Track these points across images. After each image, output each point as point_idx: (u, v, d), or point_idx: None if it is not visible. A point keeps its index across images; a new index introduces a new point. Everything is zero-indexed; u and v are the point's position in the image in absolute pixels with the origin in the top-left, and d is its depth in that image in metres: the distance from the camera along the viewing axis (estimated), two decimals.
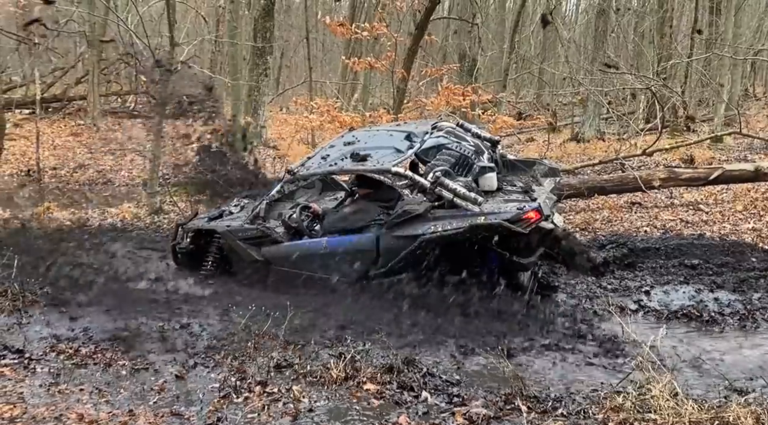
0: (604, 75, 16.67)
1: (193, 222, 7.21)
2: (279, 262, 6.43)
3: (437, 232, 5.73)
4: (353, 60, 11.67)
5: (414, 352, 4.99)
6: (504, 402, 4.17)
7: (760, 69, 29.16)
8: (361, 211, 6.19)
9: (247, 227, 6.57)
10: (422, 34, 11.52)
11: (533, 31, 27.50)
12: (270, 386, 4.36)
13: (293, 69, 30.22)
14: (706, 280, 6.67)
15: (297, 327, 5.36)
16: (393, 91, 12.07)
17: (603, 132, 17.92)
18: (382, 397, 4.26)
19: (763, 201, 9.56)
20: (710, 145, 15.17)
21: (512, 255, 5.92)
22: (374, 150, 6.46)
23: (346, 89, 21.67)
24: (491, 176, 6.42)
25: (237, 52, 13.88)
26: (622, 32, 21.58)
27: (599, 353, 5.10)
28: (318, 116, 11.63)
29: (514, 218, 5.61)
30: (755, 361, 4.94)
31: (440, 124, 7.26)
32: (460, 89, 11.57)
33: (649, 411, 3.81)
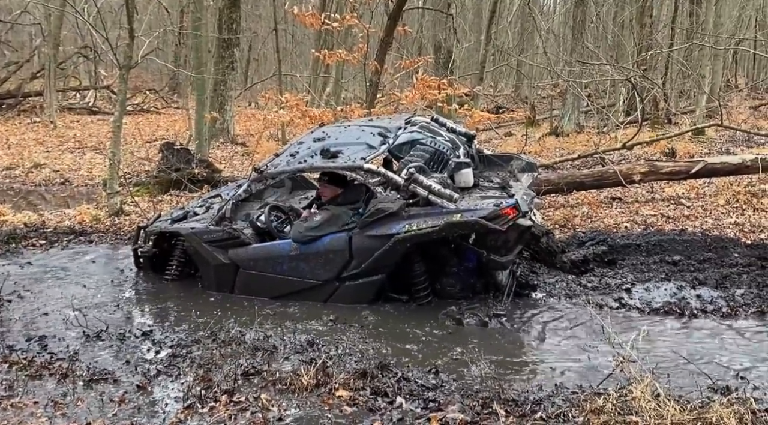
0: (583, 67, 16.80)
1: (155, 224, 7.11)
2: (247, 265, 6.36)
3: (411, 230, 5.71)
4: (324, 52, 11.59)
5: (388, 356, 4.99)
6: (481, 406, 4.17)
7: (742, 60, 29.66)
8: (332, 218, 6.11)
9: (213, 229, 6.48)
10: (395, 24, 11.49)
11: (511, 22, 27.64)
12: (237, 394, 4.32)
13: (262, 62, 30.04)
14: (688, 276, 6.72)
15: (264, 331, 5.33)
16: (366, 85, 12.03)
17: (582, 126, 18.07)
18: (355, 404, 4.24)
19: (745, 195, 9.69)
20: (692, 138, 15.37)
21: (489, 253, 5.94)
22: (345, 147, 6.42)
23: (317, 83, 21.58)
24: (467, 172, 6.42)
25: (201, 44, 13.72)
26: (601, 23, 21.77)
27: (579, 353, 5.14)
28: (288, 111, 11.52)
29: (490, 215, 5.62)
30: (738, 359, 4.99)
31: (414, 119, 7.24)
32: (435, 82, 11.53)
33: (630, 413, 3.83)
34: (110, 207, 9.54)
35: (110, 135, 10.26)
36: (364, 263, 5.91)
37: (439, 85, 11.36)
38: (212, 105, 15.44)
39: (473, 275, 6.16)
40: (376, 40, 11.68)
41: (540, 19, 24.61)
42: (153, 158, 12.95)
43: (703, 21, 19.22)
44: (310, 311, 5.98)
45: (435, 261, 6.11)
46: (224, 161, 14.42)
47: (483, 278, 6.18)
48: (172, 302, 6.35)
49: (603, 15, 22.48)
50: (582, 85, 17.51)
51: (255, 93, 22.90)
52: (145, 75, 31.21)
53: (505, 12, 26.01)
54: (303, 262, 6.12)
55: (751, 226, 8.37)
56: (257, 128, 17.53)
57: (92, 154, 15.65)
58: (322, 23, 10.75)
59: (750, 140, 15.36)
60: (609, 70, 16.65)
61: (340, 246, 5.99)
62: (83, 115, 23.00)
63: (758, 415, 3.75)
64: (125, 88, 10.20)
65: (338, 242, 6.00)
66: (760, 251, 7.40)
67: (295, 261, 6.14)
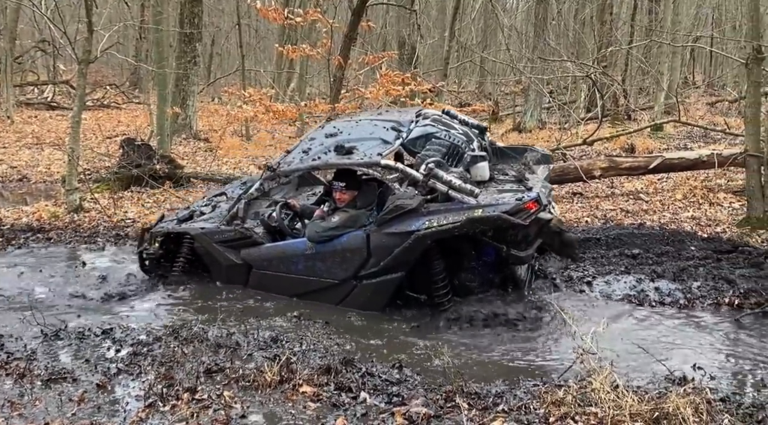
0: (544, 63, 16.97)
1: (161, 225, 6.87)
2: (260, 265, 6.20)
3: (432, 227, 5.51)
4: (287, 48, 11.52)
5: (352, 352, 4.99)
6: (445, 399, 4.19)
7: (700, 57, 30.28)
8: (350, 219, 5.88)
9: (224, 229, 6.29)
10: (359, 20, 11.46)
11: (474, 19, 27.79)
12: (199, 392, 4.26)
13: (225, 57, 29.75)
14: (647, 269, 6.84)
15: (227, 328, 5.28)
16: (330, 81, 11.98)
17: (545, 122, 18.27)
18: (319, 400, 4.23)
19: (701, 190, 9.91)
20: (650, 134, 15.66)
21: (510, 248, 5.75)
22: (359, 142, 6.18)
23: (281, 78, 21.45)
24: (483, 166, 6.24)
25: (162, 39, 13.50)
26: (562, 20, 22.02)
27: (542, 345, 5.20)
28: (251, 106, 11.42)
29: (513, 209, 5.42)
30: (696, 350, 5.11)
31: (424, 111, 7.07)
32: (399, 77, 11.54)
33: (590, 405, 3.89)
34: (69, 204, 9.36)
35: (69, 131, 10.03)
36: (383, 262, 5.71)
37: (403, 80, 11.38)
38: (174, 100, 15.23)
39: (492, 270, 5.99)
40: (340, 35, 11.65)
41: (503, 16, 24.76)
42: (113, 154, 12.74)
43: (661, 19, 19.57)
44: (275, 307, 5.94)
45: (454, 257, 5.93)
46: (187, 156, 14.25)
47: (501, 273, 6.02)
48: (133, 300, 6.26)
49: (564, 12, 22.75)
50: (544, 81, 17.70)
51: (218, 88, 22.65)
52: (106, 70, 30.69)
53: (469, 9, 26.12)
54: (319, 261, 5.94)
55: (707, 220, 8.57)
56: (220, 123, 17.34)
57: (51, 150, 15.33)
58: (285, 18, 10.67)
59: (707, 135, 15.70)
60: (570, 67, 16.85)
61: (357, 244, 5.79)
62: (41, 110, 22.51)
63: (713, 404, 3.84)
64: (84, 83, 9.99)
65: (355, 240, 5.80)
66: (715, 244, 7.58)
67: (311, 261, 5.97)
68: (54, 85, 24.70)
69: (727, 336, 5.41)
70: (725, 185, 10.17)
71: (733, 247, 7.46)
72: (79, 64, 9.77)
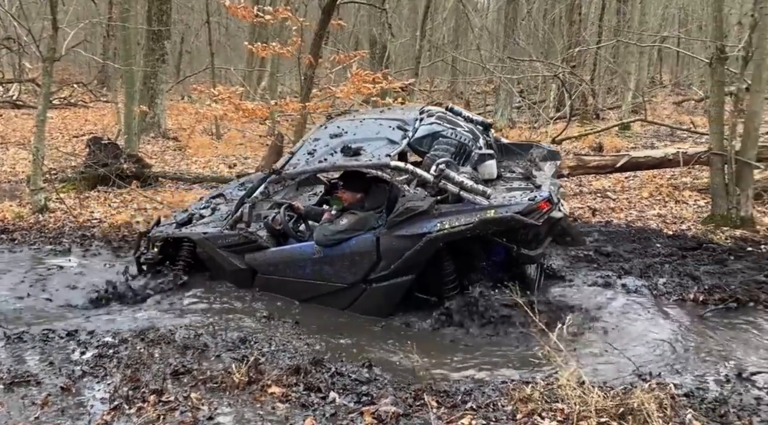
0: (514, 63, 17.09)
1: (159, 230, 6.72)
2: (266, 270, 6.08)
3: (444, 229, 5.43)
4: (257, 46, 11.42)
5: (322, 352, 4.97)
6: (414, 398, 4.20)
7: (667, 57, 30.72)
8: (359, 221, 5.78)
9: (228, 233, 6.14)
10: (329, 18, 11.40)
11: (445, 19, 27.87)
12: (166, 394, 4.22)
13: (195, 55, 29.45)
14: (615, 266, 6.93)
15: (194, 330, 5.23)
16: (300, 79, 11.91)
17: (515, 121, 18.40)
18: (287, 400, 4.20)
19: (667, 188, 10.07)
20: (618, 132, 15.85)
21: (520, 248, 5.66)
22: (366, 142, 6.05)
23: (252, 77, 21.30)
24: (491, 164, 6.16)
25: (130, 36, 13.32)
26: (532, 20, 22.19)
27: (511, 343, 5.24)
28: (221, 104, 11.30)
29: (526, 209, 5.36)
30: (660, 345, 5.17)
31: (428, 109, 6.97)
32: (370, 76, 11.52)
33: (556, 401, 3.92)
34: (34, 204, 9.20)
35: (34, 130, 9.85)
36: (393, 265, 5.62)
37: (374, 79, 11.36)
38: (142, 99, 15.05)
39: (501, 270, 5.91)
40: (311, 33, 11.57)
41: (473, 16, 24.88)
42: (80, 153, 12.54)
43: (629, 19, 19.81)
44: (244, 308, 5.89)
45: (464, 258, 5.83)
46: (155, 155, 14.08)
47: (511, 272, 5.93)
48: (98, 302, 6.17)
49: (534, 12, 22.92)
50: (514, 81, 17.82)
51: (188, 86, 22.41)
52: (73, 68, 30.21)
53: (440, 8, 26.19)
54: (327, 265, 5.84)
55: (672, 217, 8.70)
56: (190, 121, 17.17)
57: (16, 149, 15.03)
58: (255, 16, 10.58)
59: (673, 134, 15.93)
60: (539, 66, 16.99)
61: (367, 248, 5.69)
62: (6, 109, 22.06)
63: (677, 399, 3.89)
64: (49, 82, 9.82)
65: (365, 243, 5.70)
66: (681, 241, 7.71)
67: (319, 264, 5.87)
68: (19, 83, 24.25)
69: (691, 332, 5.49)
70: (690, 183, 10.35)
71: (697, 244, 7.60)
72: (44, 62, 9.60)
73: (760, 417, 3.95)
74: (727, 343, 5.22)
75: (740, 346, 5.16)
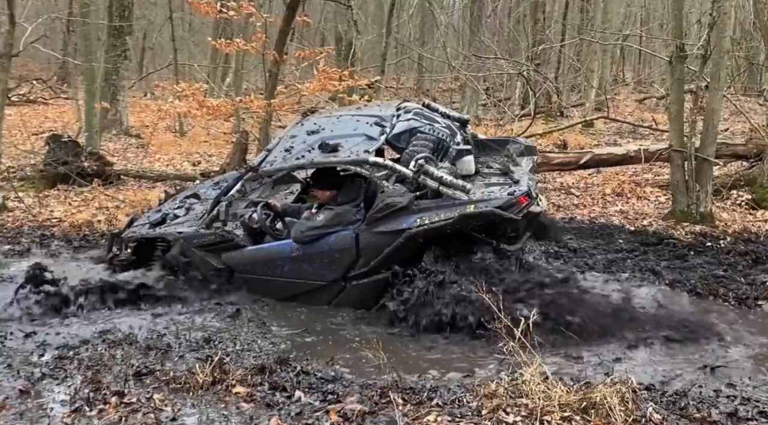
0: (479, 61, 17.19)
1: (132, 230, 6.58)
2: (243, 269, 6.02)
3: (424, 224, 5.45)
4: (221, 42, 11.32)
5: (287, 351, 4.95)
6: (380, 395, 4.20)
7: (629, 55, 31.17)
8: (336, 216, 5.76)
9: (204, 233, 6.05)
10: (293, 14, 11.34)
11: (411, 16, 27.92)
12: (128, 396, 4.15)
13: (158, 51, 28.98)
14: (579, 262, 7.02)
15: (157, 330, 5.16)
16: (265, 76, 11.83)
17: (481, 118, 18.50)
18: (252, 400, 4.17)
19: (629, 184, 10.23)
20: (582, 130, 16.04)
21: (499, 243, 5.71)
22: (343, 139, 6.02)
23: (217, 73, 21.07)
24: (469, 160, 6.19)
25: (90, 31, 13.07)
26: (497, 18, 22.32)
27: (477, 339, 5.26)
28: (184, 101, 11.17)
29: (506, 204, 5.41)
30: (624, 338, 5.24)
31: (405, 105, 6.97)
32: (336, 73, 11.48)
33: (521, 396, 3.96)
34: None
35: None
36: (373, 261, 5.64)
37: (340, 76, 11.32)
38: (104, 95, 14.77)
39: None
40: (276, 30, 11.49)
41: (439, 13, 24.98)
42: (39, 151, 12.27)
43: (592, 17, 20.05)
44: (208, 307, 5.81)
45: (443, 253, 5.78)
46: (117, 153, 13.83)
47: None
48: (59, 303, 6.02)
49: (499, 10, 23.06)
50: (480, 79, 17.91)
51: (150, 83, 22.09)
52: (32, 64, 29.48)
53: (406, 5, 26.24)
54: (306, 263, 5.81)
55: (634, 213, 8.85)
56: (153, 119, 16.93)
57: None
58: (218, 12, 10.47)
59: (635, 131, 16.16)
60: (504, 64, 17.11)
61: (346, 245, 5.68)
62: None
63: (638, 393, 3.95)
64: (6, 78, 9.60)
65: (344, 240, 5.69)
66: (642, 237, 7.85)
67: (298, 263, 5.83)
68: None
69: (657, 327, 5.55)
70: (652, 179, 10.53)
71: (659, 240, 7.74)
72: (2, 58, 9.35)
73: (719, 410, 4.04)
74: (688, 337, 5.30)
75: (701, 339, 5.25)
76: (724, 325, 5.46)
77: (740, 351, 5.05)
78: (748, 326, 5.47)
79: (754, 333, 5.33)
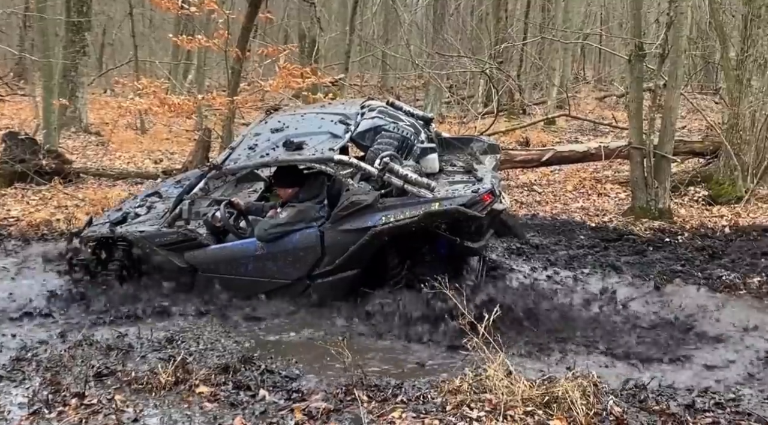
0: (442, 58, 17.26)
1: (92, 230, 6.43)
2: (206, 268, 5.94)
3: (389, 222, 5.47)
4: (182, 38, 11.16)
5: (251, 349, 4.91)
6: (345, 393, 4.20)
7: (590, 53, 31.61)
8: (299, 213, 5.73)
9: (166, 232, 5.97)
10: (256, 11, 11.24)
11: (375, 13, 27.88)
12: (88, 397, 4.08)
13: (118, 47, 28.50)
14: (541, 258, 7.11)
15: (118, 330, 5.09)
16: (228, 73, 11.71)
17: (444, 116, 18.57)
18: (216, 400, 4.14)
19: (590, 181, 10.39)
20: (544, 127, 16.24)
21: (463, 240, 5.75)
22: (308, 136, 6.01)
23: (179, 70, 20.81)
24: (433, 158, 6.22)
25: (48, 27, 12.79)
26: (460, 16, 22.44)
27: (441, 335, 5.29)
28: (145, 98, 10.99)
29: (470, 202, 5.47)
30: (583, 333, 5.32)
31: (369, 103, 6.97)
32: (298, 70, 11.42)
33: (484, 392, 3.99)
34: None
35: None
36: (338, 259, 5.64)
37: (303, 73, 11.27)
38: (62, 92, 14.47)
39: (445, 263, 5.91)
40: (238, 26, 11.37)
41: (402, 11, 24.99)
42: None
43: (553, 16, 20.29)
44: (171, 306, 5.75)
45: (408, 252, 5.86)
46: (76, 151, 13.56)
47: (454, 265, 5.97)
48: (15, 301, 5.91)
49: (462, 8, 23.18)
50: (444, 76, 17.98)
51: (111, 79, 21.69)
52: None
53: (369, 3, 26.20)
54: (270, 261, 5.79)
55: (595, 210, 8.99)
56: (113, 116, 16.64)
57: None
58: (179, 8, 10.32)
59: (596, 129, 16.43)
60: (467, 62, 17.21)
61: (310, 243, 5.68)
62: None
63: (599, 387, 4.01)
64: None
65: (309, 238, 5.69)
66: (603, 233, 7.98)
67: (262, 261, 5.80)
68: None
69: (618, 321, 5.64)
70: (612, 176, 10.70)
71: (619, 235, 7.87)
72: None
73: (677, 402, 4.12)
74: (654, 327, 5.41)
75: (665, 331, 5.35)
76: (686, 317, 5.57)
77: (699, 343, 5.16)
78: (708, 318, 5.58)
79: (714, 325, 5.44)
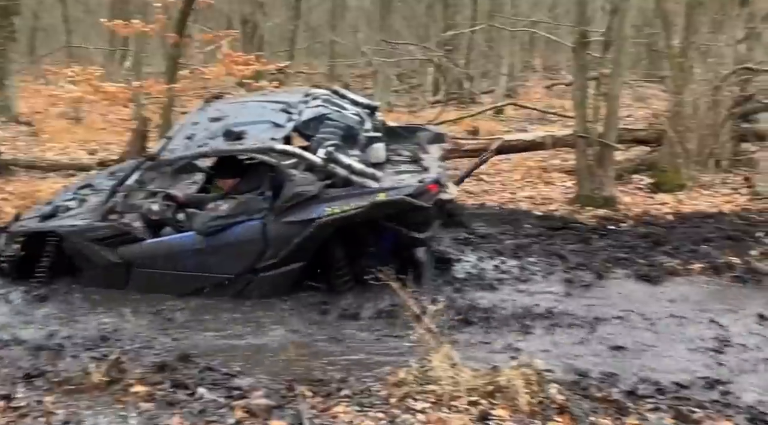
0: (390, 46, 17.26)
1: (20, 224, 6.23)
2: (142, 263, 5.80)
3: (335, 213, 5.45)
4: (116, 23, 10.88)
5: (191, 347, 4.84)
6: (287, 389, 4.18)
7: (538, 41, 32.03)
8: (240, 205, 5.66)
9: (99, 225, 5.81)
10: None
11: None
12: (16, 400, 3.98)
13: (51, 32, 27.64)
14: (488, 248, 7.18)
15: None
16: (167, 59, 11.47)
17: (393, 105, 18.59)
18: (152, 399, 4.07)
19: (537, 170, 10.54)
20: (493, 116, 16.38)
21: (409, 231, 5.74)
22: (249, 126, 5.91)
23: (115, 57, 20.31)
24: (379, 147, 6.20)
25: None
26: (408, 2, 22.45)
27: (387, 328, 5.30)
28: (79, 86, 10.68)
29: (416, 192, 5.48)
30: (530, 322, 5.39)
31: (314, 91, 6.89)
32: (241, 57, 11.27)
33: (429, 383, 4.02)
34: None
35: None
36: (282, 252, 5.57)
37: (246, 61, 11.12)
38: None
39: (391, 255, 5.91)
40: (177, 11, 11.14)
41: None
42: None
43: (501, 4, 20.45)
44: (105, 303, 5.62)
45: (353, 243, 5.83)
46: (6, 142, 13.07)
47: (400, 257, 5.95)
48: None
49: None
50: (393, 65, 17.98)
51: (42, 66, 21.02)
52: None
53: None
54: (211, 256, 5.67)
55: (542, 198, 9.13)
56: (45, 104, 16.15)
57: None
58: None
59: (544, 118, 16.64)
60: (414, 50, 17.25)
61: (253, 235, 5.60)
62: None
63: (543, 375, 4.08)
64: None
65: (251, 231, 5.61)
66: (549, 222, 8.11)
67: (202, 256, 5.68)
68: None
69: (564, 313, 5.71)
70: (559, 165, 10.86)
71: (564, 224, 8.01)
72: None
73: (618, 389, 4.23)
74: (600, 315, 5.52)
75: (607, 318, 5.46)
76: (628, 305, 5.70)
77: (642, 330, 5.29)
78: (650, 306, 5.72)
79: (656, 313, 5.58)
